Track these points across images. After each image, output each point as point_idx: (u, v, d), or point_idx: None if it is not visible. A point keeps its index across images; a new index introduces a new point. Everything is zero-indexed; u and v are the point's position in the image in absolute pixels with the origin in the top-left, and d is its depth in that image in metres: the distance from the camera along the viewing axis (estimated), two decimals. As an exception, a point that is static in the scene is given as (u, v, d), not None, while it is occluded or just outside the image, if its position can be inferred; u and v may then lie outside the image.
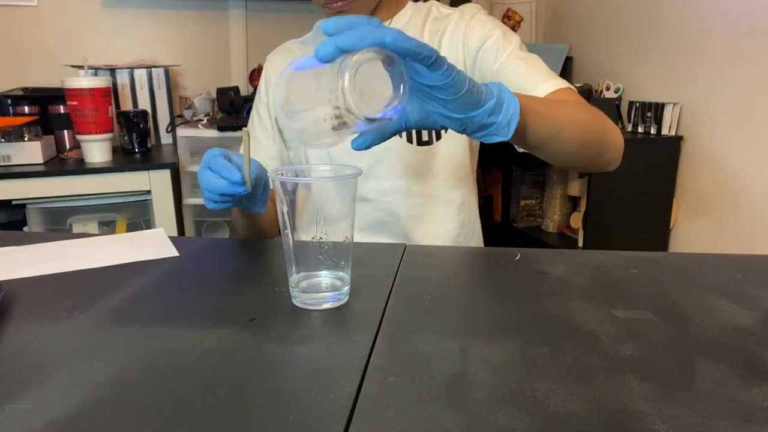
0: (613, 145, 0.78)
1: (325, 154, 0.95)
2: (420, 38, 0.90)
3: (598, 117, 0.76)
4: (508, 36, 0.87)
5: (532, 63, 0.84)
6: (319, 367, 0.46)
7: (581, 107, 0.76)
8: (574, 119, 0.71)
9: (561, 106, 0.71)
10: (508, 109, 0.55)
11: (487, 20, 0.89)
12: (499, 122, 0.55)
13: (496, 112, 0.55)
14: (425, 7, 0.96)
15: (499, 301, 0.60)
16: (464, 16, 0.90)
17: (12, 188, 1.58)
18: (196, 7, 2.22)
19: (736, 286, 0.64)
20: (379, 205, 0.95)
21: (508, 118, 0.55)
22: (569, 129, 0.69)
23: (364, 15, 0.92)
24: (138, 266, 0.70)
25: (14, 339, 0.51)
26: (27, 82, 1.99)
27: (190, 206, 1.95)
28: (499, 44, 0.85)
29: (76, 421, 0.38)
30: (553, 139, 0.68)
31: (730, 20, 1.81)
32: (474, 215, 1.03)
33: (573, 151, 0.72)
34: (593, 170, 0.82)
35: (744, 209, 1.82)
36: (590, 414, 0.39)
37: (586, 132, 0.72)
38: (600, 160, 0.78)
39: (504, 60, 0.84)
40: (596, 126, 0.75)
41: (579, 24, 2.55)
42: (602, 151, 0.77)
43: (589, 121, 0.74)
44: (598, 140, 0.75)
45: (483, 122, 0.55)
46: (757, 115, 1.75)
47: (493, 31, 0.87)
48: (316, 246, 0.56)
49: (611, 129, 0.77)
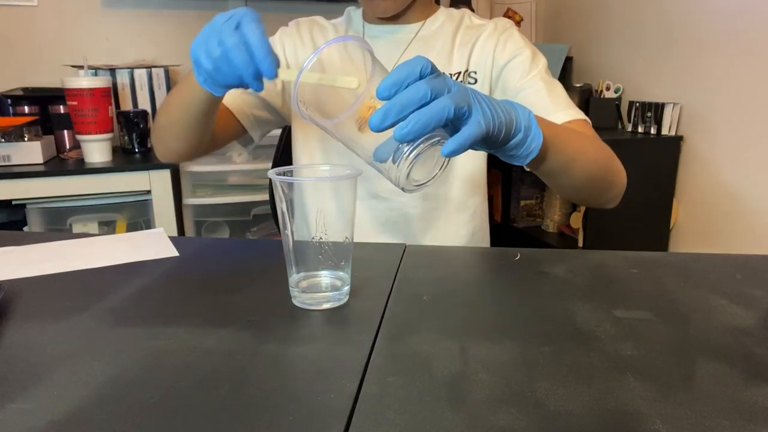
0: (617, 185, 0.80)
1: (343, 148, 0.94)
2: (451, 45, 0.92)
3: (608, 155, 0.78)
4: (536, 57, 0.89)
5: (555, 89, 0.86)
6: (319, 367, 0.46)
7: (594, 143, 0.77)
8: (587, 154, 0.72)
9: (576, 139, 0.72)
10: (531, 144, 0.56)
11: (519, 38, 0.91)
12: (518, 154, 0.57)
13: (520, 146, 0.56)
14: (458, 15, 0.96)
15: (499, 301, 0.60)
16: (497, 29, 0.92)
17: (12, 188, 1.58)
18: (196, 7, 2.22)
19: (736, 286, 0.64)
20: (392, 204, 0.95)
21: (528, 152, 0.57)
22: (580, 163, 0.71)
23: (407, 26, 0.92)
24: (138, 266, 0.70)
25: (14, 339, 0.51)
26: (27, 82, 1.99)
27: (190, 206, 1.96)
28: (526, 63, 0.87)
29: (76, 421, 0.38)
30: (563, 171, 0.69)
31: (731, 20, 1.81)
32: (485, 223, 1.03)
33: (579, 185, 0.74)
34: (593, 205, 0.84)
35: (744, 209, 1.82)
36: (590, 414, 0.39)
37: (594, 168, 0.74)
38: (602, 197, 0.80)
39: (529, 80, 0.86)
40: (605, 164, 0.77)
41: (579, 24, 2.55)
42: (607, 188, 0.79)
43: (599, 158, 0.75)
44: (604, 178, 0.77)
45: (505, 153, 0.57)
46: (757, 115, 1.75)
47: (524, 50, 0.89)
48: (316, 246, 0.56)
49: (618, 169, 0.79)
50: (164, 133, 0.84)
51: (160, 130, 0.85)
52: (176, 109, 0.78)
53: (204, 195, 1.97)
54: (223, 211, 2.02)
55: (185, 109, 0.76)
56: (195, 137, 0.82)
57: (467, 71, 0.91)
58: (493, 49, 0.90)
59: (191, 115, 0.76)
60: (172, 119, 0.80)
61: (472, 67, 0.91)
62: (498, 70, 0.90)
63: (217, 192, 1.99)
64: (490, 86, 0.91)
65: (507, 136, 0.53)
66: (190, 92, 0.72)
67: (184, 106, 0.76)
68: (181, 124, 0.79)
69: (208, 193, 1.98)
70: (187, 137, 0.82)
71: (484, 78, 0.91)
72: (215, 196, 1.98)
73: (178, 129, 0.80)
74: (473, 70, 0.91)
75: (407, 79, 0.46)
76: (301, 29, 0.98)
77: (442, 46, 0.92)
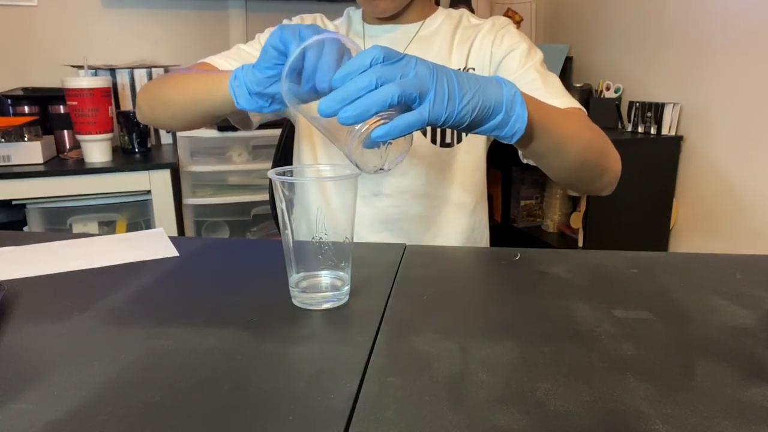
0: (611, 171, 0.79)
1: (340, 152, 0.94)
2: (450, 44, 0.93)
3: (602, 140, 0.77)
4: (532, 51, 0.90)
5: (550, 79, 0.87)
6: (319, 367, 0.46)
7: (588, 127, 0.77)
8: (579, 137, 0.72)
9: (568, 121, 0.72)
10: (515, 124, 0.56)
11: (515, 33, 0.92)
12: (503, 134, 0.57)
13: (501, 127, 0.56)
14: (456, 15, 0.97)
15: (499, 301, 0.60)
16: (495, 26, 0.93)
17: (12, 188, 1.58)
18: (196, 7, 2.22)
19: (736, 286, 0.64)
20: (394, 201, 0.95)
21: (513, 131, 0.57)
22: (572, 145, 0.71)
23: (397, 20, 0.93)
24: (138, 266, 0.70)
25: (14, 339, 0.51)
26: (27, 82, 1.99)
27: (190, 206, 1.96)
28: (522, 56, 0.88)
29: (76, 421, 0.38)
30: (555, 152, 0.69)
31: (731, 20, 1.81)
32: (484, 220, 1.04)
33: (572, 168, 0.74)
34: (588, 192, 0.84)
35: (744, 209, 1.82)
36: (590, 414, 0.39)
37: (587, 152, 0.74)
38: (596, 182, 0.80)
39: (523, 71, 0.87)
40: (599, 148, 0.76)
41: (579, 24, 2.55)
42: (601, 174, 0.78)
43: (593, 142, 0.75)
44: (598, 163, 0.76)
45: (488, 133, 0.57)
46: (757, 115, 1.75)
47: (520, 44, 0.90)
48: (316, 246, 0.56)
49: (612, 154, 0.79)
50: (161, 106, 0.83)
51: (156, 100, 0.83)
52: (190, 100, 0.77)
53: (204, 195, 1.97)
54: (223, 211, 2.03)
55: (199, 103, 0.75)
56: (193, 125, 0.83)
57: (466, 68, 0.91)
58: (490, 45, 0.91)
59: (203, 112, 0.77)
60: (179, 103, 0.79)
61: (471, 64, 0.92)
62: (495, 65, 0.91)
63: (217, 192, 1.99)
64: None
65: (480, 118, 0.54)
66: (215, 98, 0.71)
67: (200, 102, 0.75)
68: (186, 111, 0.79)
69: (208, 193, 1.98)
70: (185, 123, 0.82)
71: (482, 73, 0.92)
72: (215, 196, 1.98)
73: (181, 115, 0.80)
74: (472, 66, 0.92)
75: (358, 69, 0.48)
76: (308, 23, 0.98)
77: (441, 46, 0.93)
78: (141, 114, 0.89)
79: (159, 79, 0.86)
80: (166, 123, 0.87)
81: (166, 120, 0.85)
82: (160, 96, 0.83)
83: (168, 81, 0.83)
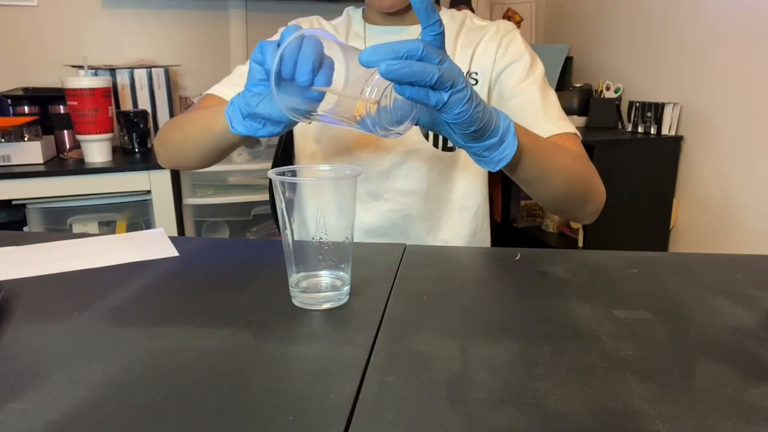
0: (595, 202, 0.82)
1: (345, 149, 0.94)
2: (453, 46, 0.92)
3: (588, 172, 0.80)
4: (535, 64, 0.90)
5: (549, 99, 0.88)
6: (319, 367, 0.46)
7: (576, 159, 0.79)
8: (565, 170, 0.75)
9: (556, 154, 0.74)
10: (504, 150, 0.60)
11: (520, 42, 0.92)
12: (491, 158, 0.61)
13: (493, 149, 0.60)
14: (460, 16, 0.97)
15: (499, 301, 0.60)
16: (500, 32, 0.92)
17: (12, 188, 1.58)
18: (196, 7, 2.22)
19: (736, 286, 0.64)
20: (395, 206, 0.95)
21: (500, 157, 0.61)
22: (557, 177, 0.74)
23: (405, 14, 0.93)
24: (138, 266, 0.70)
25: (14, 339, 0.51)
26: (27, 82, 1.99)
27: (190, 206, 1.96)
28: (525, 69, 0.89)
29: (76, 421, 0.38)
30: (539, 181, 0.73)
31: (731, 20, 1.81)
32: (486, 223, 1.03)
33: (555, 197, 0.77)
34: (569, 219, 0.87)
35: (744, 209, 1.82)
36: (590, 414, 0.39)
37: (571, 184, 0.77)
38: (578, 212, 0.83)
39: (525, 85, 0.88)
40: (584, 181, 0.79)
41: (579, 24, 2.55)
42: (583, 204, 0.81)
43: (578, 174, 0.78)
44: (581, 196, 0.79)
45: (478, 153, 0.60)
46: (757, 115, 1.75)
47: (524, 55, 0.90)
48: (316, 246, 0.56)
49: (596, 186, 0.81)
50: (174, 149, 0.84)
51: (169, 144, 0.85)
52: (196, 137, 0.77)
53: (204, 195, 1.97)
54: (223, 211, 2.03)
55: (204, 137, 0.75)
56: (209, 161, 0.83)
57: (469, 72, 0.91)
58: (495, 51, 0.91)
59: (212, 145, 0.76)
60: (189, 143, 0.80)
61: (474, 68, 0.91)
62: (498, 72, 0.91)
63: (217, 192, 1.99)
64: (489, 87, 0.92)
65: (483, 132, 0.57)
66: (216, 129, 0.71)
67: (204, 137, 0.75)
68: (197, 149, 0.79)
69: (208, 193, 1.98)
70: (200, 160, 0.82)
71: (484, 79, 0.91)
72: (215, 196, 1.98)
73: (192, 153, 0.80)
74: (474, 71, 0.91)
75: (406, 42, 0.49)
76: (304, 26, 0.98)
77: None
78: (162, 161, 0.90)
79: (168, 125, 0.87)
80: (185, 164, 0.86)
81: (183, 161, 0.85)
82: (171, 140, 0.85)
83: (175, 124, 0.85)
